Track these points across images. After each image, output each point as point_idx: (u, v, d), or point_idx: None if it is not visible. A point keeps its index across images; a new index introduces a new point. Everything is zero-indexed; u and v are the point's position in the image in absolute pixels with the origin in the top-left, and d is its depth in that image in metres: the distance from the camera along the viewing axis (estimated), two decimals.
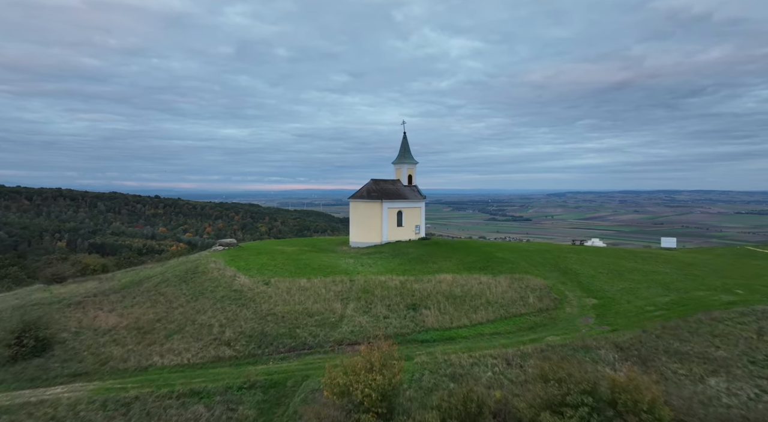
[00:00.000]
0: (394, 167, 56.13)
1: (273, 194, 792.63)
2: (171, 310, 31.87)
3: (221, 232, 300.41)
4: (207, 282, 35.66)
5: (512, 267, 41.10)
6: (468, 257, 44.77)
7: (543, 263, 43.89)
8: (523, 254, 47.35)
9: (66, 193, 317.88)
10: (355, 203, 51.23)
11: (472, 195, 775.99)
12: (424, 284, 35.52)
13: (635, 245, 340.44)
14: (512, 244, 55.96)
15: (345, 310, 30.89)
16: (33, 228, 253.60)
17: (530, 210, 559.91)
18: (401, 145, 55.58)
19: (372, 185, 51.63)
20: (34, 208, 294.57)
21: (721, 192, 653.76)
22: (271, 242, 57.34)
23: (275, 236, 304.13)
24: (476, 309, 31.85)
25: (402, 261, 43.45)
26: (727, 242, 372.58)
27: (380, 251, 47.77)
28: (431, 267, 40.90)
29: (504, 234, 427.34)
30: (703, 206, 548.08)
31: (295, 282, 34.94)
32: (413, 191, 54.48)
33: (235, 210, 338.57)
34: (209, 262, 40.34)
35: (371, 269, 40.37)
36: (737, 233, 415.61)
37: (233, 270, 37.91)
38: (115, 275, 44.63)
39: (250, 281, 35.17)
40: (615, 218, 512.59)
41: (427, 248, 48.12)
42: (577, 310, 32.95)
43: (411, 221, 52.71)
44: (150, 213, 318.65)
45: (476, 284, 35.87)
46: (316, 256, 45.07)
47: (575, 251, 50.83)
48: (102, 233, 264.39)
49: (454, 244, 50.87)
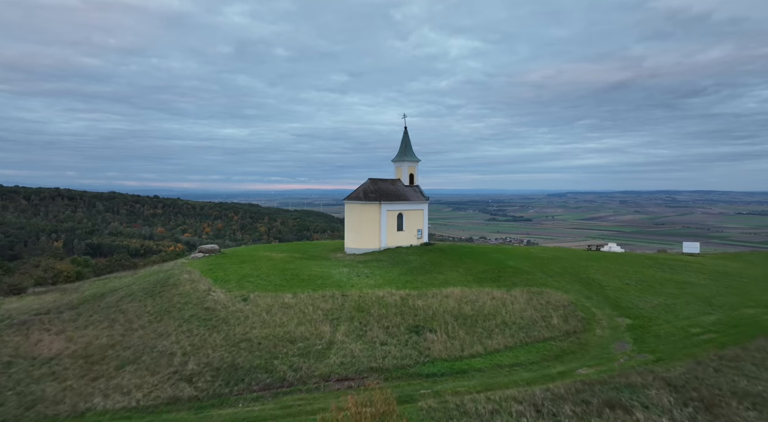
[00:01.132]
0: (393, 166, 50.74)
1: (273, 194, 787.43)
2: (129, 332, 26.60)
3: (220, 232, 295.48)
4: (176, 297, 30.39)
5: (528, 278, 35.81)
6: (477, 266, 39.49)
7: (561, 272, 38.60)
8: (538, 262, 42.07)
9: (64, 193, 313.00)
10: (351, 205, 45.92)
11: (472, 195, 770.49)
12: (428, 300, 30.22)
13: (643, 248, 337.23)
14: (523, 249, 50.69)
15: (335, 334, 25.59)
16: (30, 228, 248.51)
17: (531, 210, 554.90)
18: (402, 141, 50.25)
19: (369, 185, 46.31)
20: (32, 208, 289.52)
21: (721, 192, 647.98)
22: (258, 248, 52.08)
23: (275, 237, 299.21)
24: (491, 333, 26.54)
25: (403, 271, 38.18)
26: (731, 243, 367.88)
27: (378, 258, 42.50)
28: (436, 279, 35.63)
29: (505, 235, 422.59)
30: (704, 207, 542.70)
31: (278, 298, 29.64)
32: (415, 192, 49.16)
33: (234, 210, 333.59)
34: (183, 272, 35.08)
35: (368, 280, 35.11)
36: (739, 233, 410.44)
37: (208, 283, 32.64)
38: (82, 286, 39.40)
39: (226, 297, 29.90)
40: (616, 218, 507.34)
41: (430, 256, 42.85)
42: (609, 332, 27.65)
43: (412, 224, 47.42)
44: (149, 213, 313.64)
45: (489, 300, 30.57)
46: (306, 265, 39.81)
47: (594, 258, 45.52)
48: (99, 234, 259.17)
49: (460, 250, 45.57)
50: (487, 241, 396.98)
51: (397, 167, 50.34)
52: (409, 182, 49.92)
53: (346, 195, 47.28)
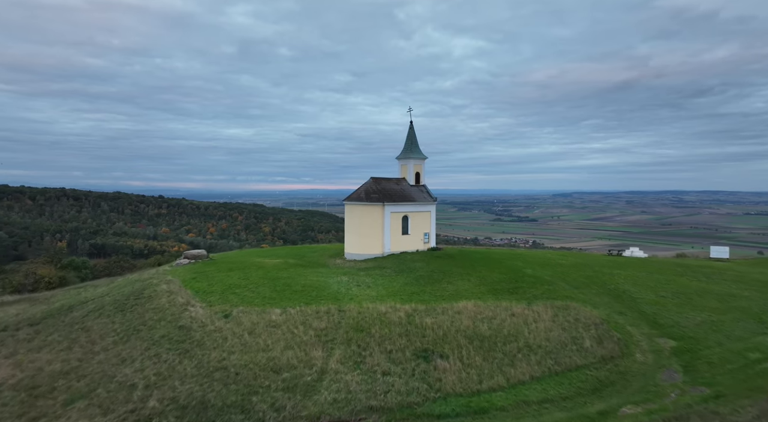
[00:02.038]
0: (398, 164, 46.39)
1: (278, 194, 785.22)
2: (89, 357, 22.57)
3: (224, 232, 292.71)
4: (149, 313, 26.33)
5: (550, 290, 31.45)
6: (491, 274, 35.18)
7: (586, 282, 34.21)
8: (558, 270, 37.70)
9: (69, 193, 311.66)
10: (351, 206, 41.70)
11: (477, 195, 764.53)
12: (438, 316, 25.98)
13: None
14: (540, 255, 46.28)
15: (328, 361, 21.41)
16: (34, 228, 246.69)
17: (536, 211, 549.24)
18: (407, 136, 45.95)
19: (372, 184, 42.05)
20: (37, 208, 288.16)
21: (729, 193, 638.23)
22: (251, 253, 47.97)
23: (279, 237, 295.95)
24: (513, 359, 22.27)
25: (408, 280, 33.95)
26: (740, 244, 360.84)
27: (381, 265, 38.29)
28: (446, 290, 31.36)
29: (510, 235, 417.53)
30: (711, 207, 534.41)
31: (264, 315, 25.51)
32: (422, 192, 44.85)
33: (238, 210, 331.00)
34: (161, 282, 31.02)
35: (368, 291, 30.91)
36: (747, 234, 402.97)
37: (188, 295, 28.55)
38: (55, 296, 35.48)
39: (205, 313, 25.80)
40: (622, 218, 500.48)
41: (439, 263, 38.58)
42: (652, 358, 23.29)
43: (419, 227, 43.15)
44: (153, 213, 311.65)
45: (508, 317, 26.27)
46: (301, 273, 35.67)
47: (618, 265, 41.08)
48: (103, 234, 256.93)
49: (472, 256, 41.24)
50: (492, 241, 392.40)
51: (402, 165, 46.02)
52: (415, 182, 45.60)
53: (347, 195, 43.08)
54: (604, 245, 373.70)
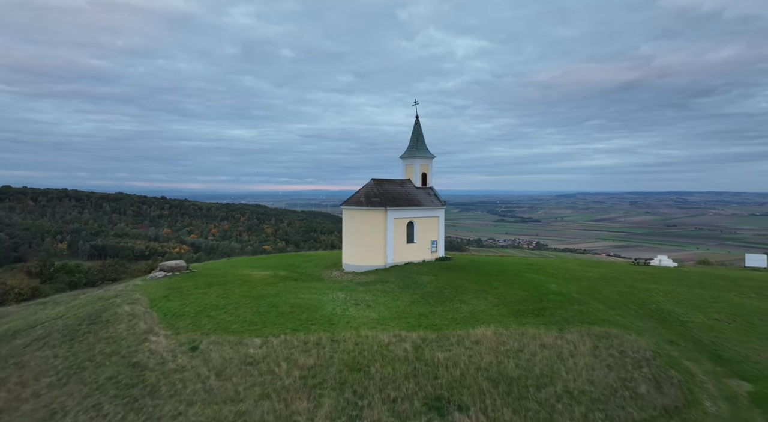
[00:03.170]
0: (402, 164, 41.33)
1: (281, 195, 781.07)
2: (13, 407, 17.71)
3: (226, 234, 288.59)
4: (101, 344, 21.48)
5: (581, 311, 26.40)
6: (510, 290, 30.17)
7: (621, 301, 29.15)
8: (585, 284, 32.66)
9: (72, 193, 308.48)
10: (350, 211, 36.72)
11: (480, 196, 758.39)
12: (452, 348, 21.01)
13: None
14: (560, 265, 41.20)
15: (314, 417, 16.49)
16: (35, 230, 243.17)
17: (539, 211, 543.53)
18: (412, 133, 40.96)
19: (373, 186, 37.07)
20: (39, 209, 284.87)
21: (733, 193, 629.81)
22: (238, 263, 42.98)
23: (281, 238, 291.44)
24: (552, 411, 17.26)
25: (415, 298, 28.99)
26: (746, 245, 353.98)
27: (383, 279, 33.32)
28: (459, 311, 26.37)
29: (513, 236, 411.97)
30: (716, 208, 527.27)
31: (240, 347, 20.62)
32: (429, 195, 39.83)
33: (241, 211, 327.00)
34: (125, 302, 26.17)
35: (368, 312, 25.99)
36: (753, 235, 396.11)
37: (152, 320, 23.69)
38: (9, 316, 30.71)
39: (168, 345, 20.93)
40: (626, 219, 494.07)
41: (449, 276, 33.61)
42: (727, 408, 18.21)
43: (426, 235, 38.17)
44: (155, 214, 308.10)
45: (538, 349, 21.28)
46: (291, 288, 30.77)
47: (651, 278, 36.00)
48: (104, 235, 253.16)
49: (486, 268, 36.22)
50: (495, 242, 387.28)
51: (406, 166, 40.98)
52: (421, 183, 40.56)
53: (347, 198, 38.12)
54: (609, 246, 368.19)
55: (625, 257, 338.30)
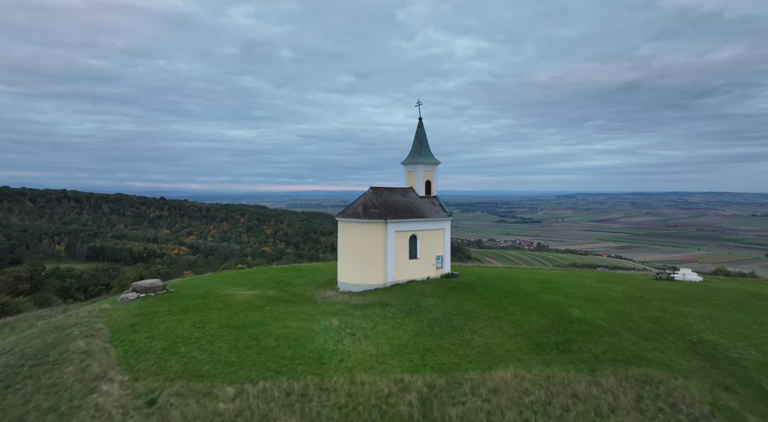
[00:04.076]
0: (404, 170, 37.31)
1: (281, 196, 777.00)
2: None
3: (226, 235, 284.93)
4: (40, 395, 17.61)
5: (613, 345, 22.50)
6: (527, 317, 26.28)
7: (656, 330, 25.22)
8: (611, 307, 28.75)
9: (71, 194, 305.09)
10: (346, 224, 32.78)
11: (480, 196, 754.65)
12: (467, 401, 17.11)
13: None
14: (576, 281, 37.28)
15: None
16: (33, 231, 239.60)
17: (540, 212, 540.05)
18: (415, 136, 37.02)
19: (371, 196, 33.13)
20: (38, 210, 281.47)
21: (734, 194, 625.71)
22: (224, 279, 38.87)
23: (281, 239, 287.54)
24: None
25: (419, 326, 25.10)
26: (747, 246, 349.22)
27: (383, 301, 29.44)
28: (472, 344, 22.48)
29: (514, 237, 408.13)
30: (717, 209, 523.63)
31: (208, 401, 16.76)
32: (433, 205, 35.88)
33: (240, 212, 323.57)
34: (83, 334, 22.34)
35: (365, 345, 22.15)
36: (754, 236, 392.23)
37: (109, 360, 19.81)
38: None
39: (121, 398, 17.05)
40: (627, 220, 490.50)
41: (456, 297, 29.72)
42: None
43: (430, 249, 34.28)
44: (155, 215, 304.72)
45: (568, 399, 17.37)
46: (279, 313, 26.91)
47: (681, 298, 32.08)
48: (103, 236, 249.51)
49: (497, 287, 32.28)
50: (496, 243, 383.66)
51: (408, 172, 37.01)
52: (425, 192, 36.57)
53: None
54: (610, 248, 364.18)
55: (626, 258, 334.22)
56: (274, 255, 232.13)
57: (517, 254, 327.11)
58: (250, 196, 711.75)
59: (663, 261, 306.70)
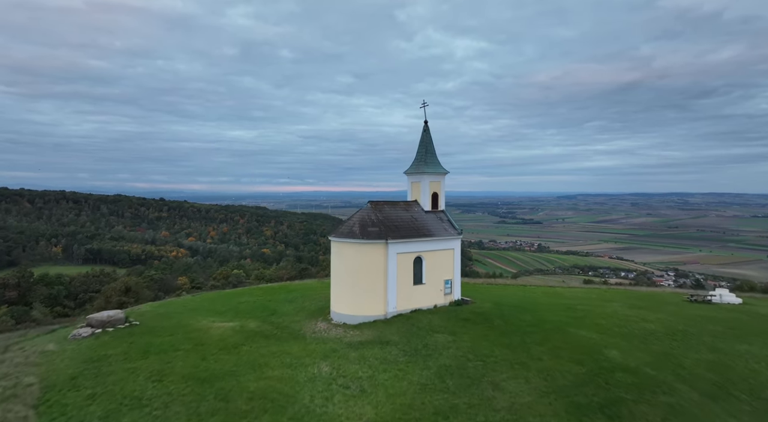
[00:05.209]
0: (407, 181, 32.25)
1: (282, 196, 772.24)
2: None
3: (225, 236, 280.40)
4: None
5: (674, 408, 17.67)
6: (558, 362, 21.43)
7: (717, 381, 20.32)
8: (654, 346, 23.86)
9: (69, 195, 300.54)
10: (340, 244, 27.86)
11: (480, 197, 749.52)
12: None
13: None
14: (604, 304, 32.46)
15: None
16: (30, 233, 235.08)
17: (540, 213, 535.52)
18: (420, 142, 32.03)
19: (370, 212, 28.19)
20: (36, 211, 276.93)
21: (735, 195, 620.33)
22: (202, 304, 33.68)
23: (281, 241, 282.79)
24: None
25: (427, 377, 20.27)
26: (749, 247, 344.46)
27: (383, 337, 24.59)
28: (494, 406, 17.64)
29: (515, 238, 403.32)
30: (718, 210, 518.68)
31: None
32: (441, 221, 30.94)
33: (240, 213, 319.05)
34: (1, 398, 17.59)
35: (361, 404, 17.36)
36: (756, 237, 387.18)
37: None
38: None
39: None
40: (628, 221, 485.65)
41: (471, 333, 24.86)
42: None
43: (438, 273, 29.45)
44: (154, 216, 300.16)
45: None
46: (258, 356, 22.10)
47: (731, 330, 27.21)
48: (101, 238, 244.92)
49: (515, 317, 27.34)
50: (497, 244, 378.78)
51: (412, 183, 32.02)
52: (431, 206, 31.54)
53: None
54: (611, 249, 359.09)
55: (627, 259, 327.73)
56: (273, 257, 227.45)
57: (518, 256, 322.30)
58: (251, 196, 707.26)
59: (665, 263, 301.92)
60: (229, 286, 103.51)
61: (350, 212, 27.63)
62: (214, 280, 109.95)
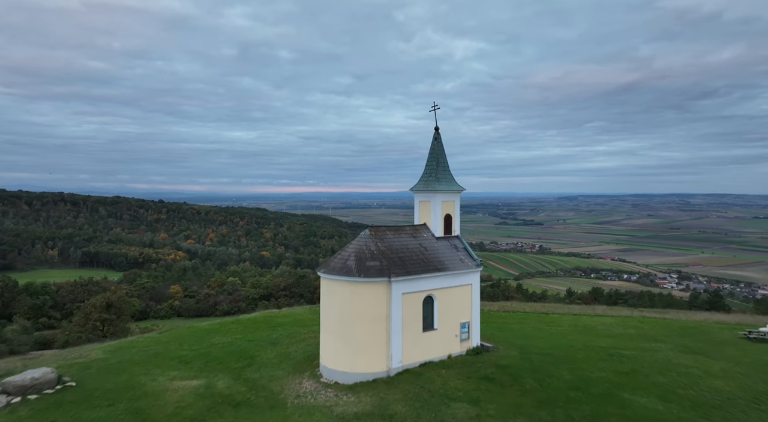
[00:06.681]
0: (415, 199, 26.16)
1: (282, 197, 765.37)
2: None
3: (224, 239, 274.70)
4: None
5: None
6: None
7: None
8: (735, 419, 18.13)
9: (68, 197, 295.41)
10: (332, 282, 21.91)
11: (481, 198, 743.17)
12: None
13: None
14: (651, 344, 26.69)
15: None
16: (26, 235, 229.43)
17: (541, 214, 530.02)
18: (431, 153, 25.96)
19: (370, 241, 22.20)
20: (33, 213, 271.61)
21: (736, 196, 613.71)
22: (168, 346, 27.55)
23: (280, 243, 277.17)
24: None
25: None
26: (751, 248, 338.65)
27: (385, 409, 18.79)
28: None
29: (516, 239, 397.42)
30: (719, 210, 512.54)
31: None
32: (456, 250, 24.95)
33: (240, 215, 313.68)
34: None
35: None
36: (758, 238, 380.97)
37: None
38: None
39: None
40: (629, 222, 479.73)
41: (497, 401, 19.00)
42: None
43: (452, 315, 23.61)
44: (152, 218, 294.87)
45: None
46: None
47: None
48: (98, 241, 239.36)
49: (551, 374, 21.45)
50: (498, 246, 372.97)
51: (421, 203, 25.87)
52: (443, 232, 25.41)
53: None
54: (612, 250, 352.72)
55: (629, 261, 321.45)
56: (272, 261, 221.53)
57: (519, 257, 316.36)
58: (251, 197, 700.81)
59: (667, 264, 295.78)
60: (224, 293, 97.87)
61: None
62: (209, 288, 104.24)
